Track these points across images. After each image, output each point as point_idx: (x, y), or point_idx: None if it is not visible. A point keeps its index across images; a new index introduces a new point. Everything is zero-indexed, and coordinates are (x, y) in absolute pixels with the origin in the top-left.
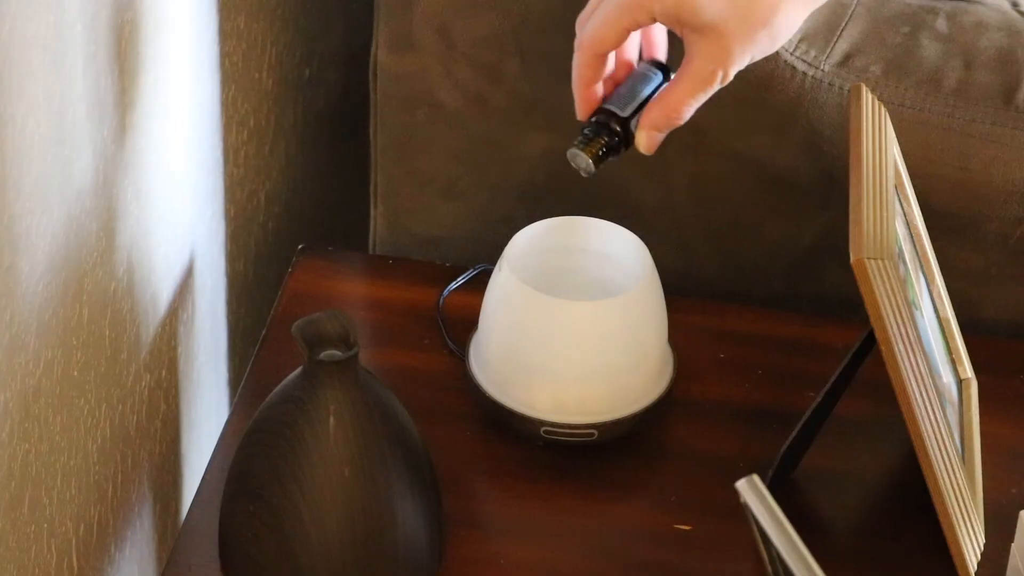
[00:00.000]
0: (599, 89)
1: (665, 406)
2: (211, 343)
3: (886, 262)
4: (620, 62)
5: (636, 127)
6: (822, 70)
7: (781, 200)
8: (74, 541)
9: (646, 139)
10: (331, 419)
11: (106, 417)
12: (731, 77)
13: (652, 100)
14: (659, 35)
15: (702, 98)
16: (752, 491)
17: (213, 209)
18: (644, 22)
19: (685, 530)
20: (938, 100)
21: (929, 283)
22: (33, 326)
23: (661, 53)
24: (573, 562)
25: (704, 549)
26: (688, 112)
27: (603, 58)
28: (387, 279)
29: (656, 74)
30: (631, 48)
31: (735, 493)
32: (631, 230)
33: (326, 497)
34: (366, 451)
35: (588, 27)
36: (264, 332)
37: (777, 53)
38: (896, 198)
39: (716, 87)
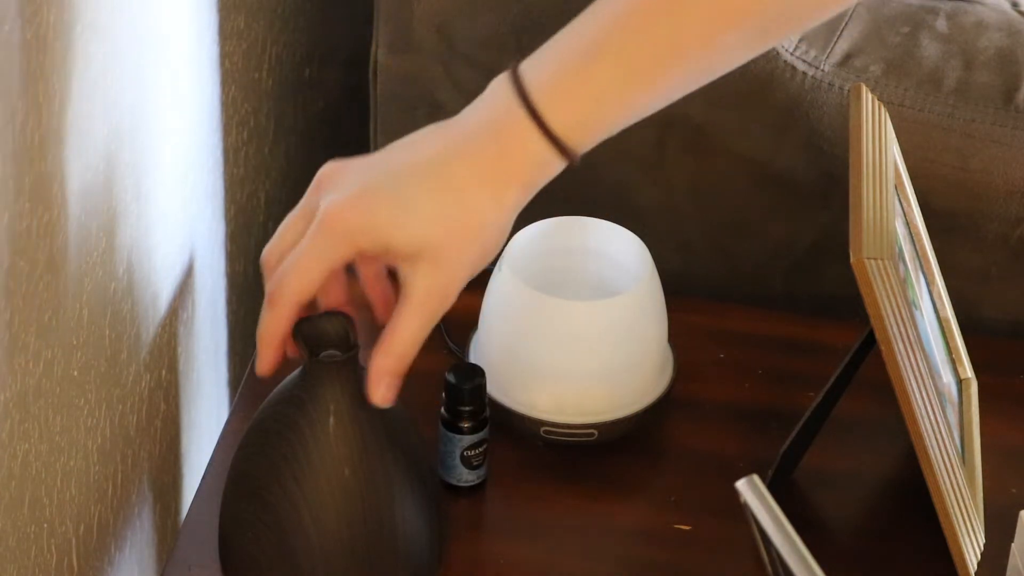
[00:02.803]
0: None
1: (665, 406)
2: (211, 343)
3: (886, 262)
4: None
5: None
6: (822, 70)
7: (781, 200)
8: (74, 541)
9: (379, 388)
10: (331, 419)
11: (106, 417)
12: (453, 299)
13: (377, 345)
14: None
15: (429, 327)
16: (752, 491)
17: (213, 209)
18: (349, 257)
19: (685, 530)
20: (938, 100)
21: (929, 283)
22: (33, 326)
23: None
24: (573, 562)
25: (704, 549)
26: (417, 346)
27: (303, 307)
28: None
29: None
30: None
31: (735, 493)
32: (631, 230)
33: (326, 497)
34: (366, 451)
35: (286, 277)
36: None
37: (777, 53)
38: (896, 198)
39: (441, 311)
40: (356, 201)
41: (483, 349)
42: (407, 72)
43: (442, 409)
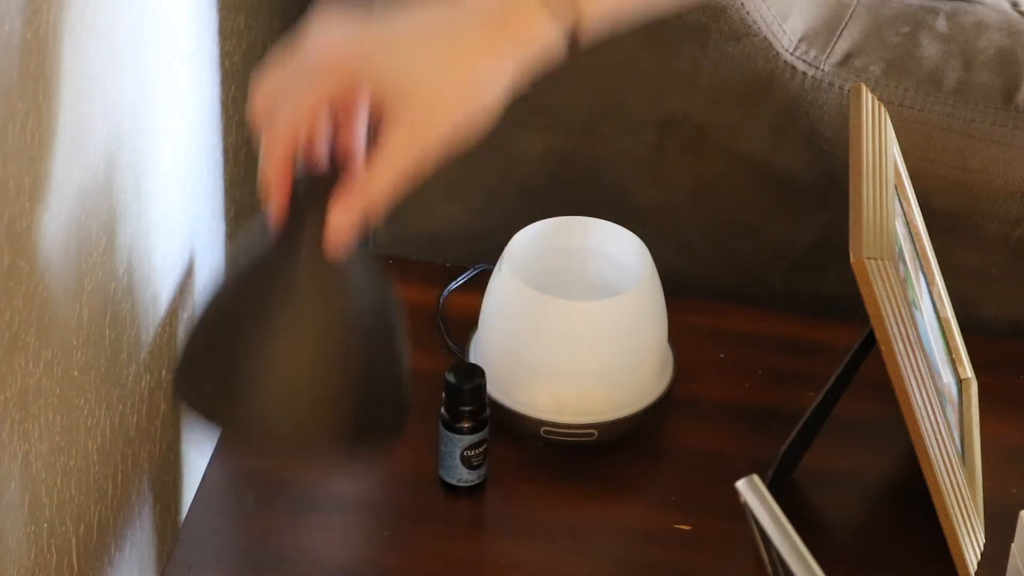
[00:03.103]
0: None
1: (665, 406)
2: None
3: (886, 262)
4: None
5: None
6: (822, 70)
7: (781, 200)
8: (74, 541)
9: (342, 234)
10: (300, 266)
11: (106, 417)
12: (428, 159)
13: (345, 190)
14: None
15: (400, 180)
16: (752, 491)
17: (213, 209)
18: (336, 91)
19: (685, 530)
20: (938, 100)
21: (929, 283)
22: (33, 326)
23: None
24: (573, 562)
25: (704, 549)
26: (387, 192)
27: (296, 142)
28: None
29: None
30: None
31: (735, 493)
32: (631, 230)
33: (280, 335)
34: (327, 298)
35: (278, 114)
36: None
37: (777, 53)
38: (896, 198)
39: (416, 162)
40: (348, 40)
41: (483, 349)
42: None
43: (442, 409)
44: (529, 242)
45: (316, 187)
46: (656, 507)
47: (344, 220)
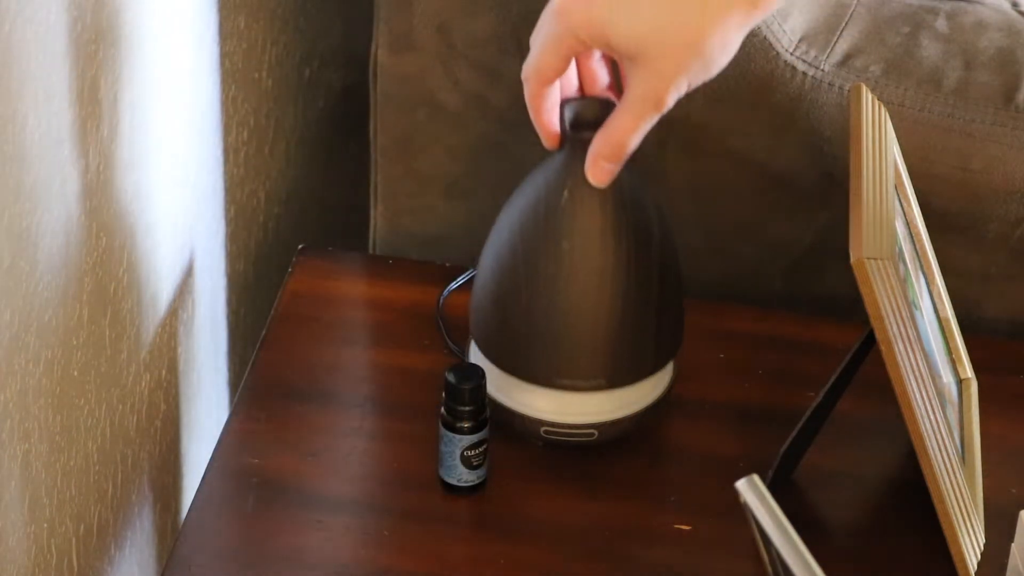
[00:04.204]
0: (556, 119)
1: (665, 406)
2: (211, 343)
3: (886, 262)
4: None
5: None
6: (822, 70)
7: (781, 200)
8: (74, 541)
9: (593, 169)
10: (565, 192)
11: (106, 417)
12: (668, 103)
13: (599, 130)
14: (599, 69)
15: (644, 125)
16: (752, 491)
17: (213, 209)
18: (577, 48)
19: (685, 530)
20: (938, 100)
21: (929, 283)
22: (33, 326)
23: (600, 86)
24: (573, 562)
25: (704, 549)
26: (632, 140)
27: (550, 86)
28: (387, 279)
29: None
30: (573, 78)
31: (735, 493)
32: None
33: (540, 264)
34: (589, 231)
35: (528, 58)
36: (264, 332)
37: (777, 53)
38: (896, 198)
39: (655, 113)
40: (579, 6)
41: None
42: (407, 72)
43: (442, 409)
44: None
45: (578, 123)
46: (656, 507)
47: (594, 155)
